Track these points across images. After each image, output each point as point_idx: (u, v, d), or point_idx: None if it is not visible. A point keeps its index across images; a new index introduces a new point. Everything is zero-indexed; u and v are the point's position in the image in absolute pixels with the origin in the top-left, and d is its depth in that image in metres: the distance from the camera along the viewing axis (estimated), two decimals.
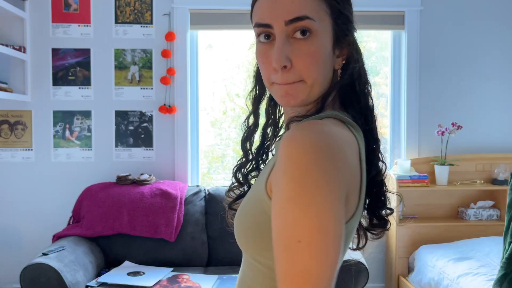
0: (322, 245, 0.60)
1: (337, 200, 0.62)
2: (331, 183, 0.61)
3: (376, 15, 3.13)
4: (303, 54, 0.73)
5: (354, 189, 0.69)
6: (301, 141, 0.62)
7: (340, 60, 0.79)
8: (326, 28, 0.74)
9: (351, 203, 0.68)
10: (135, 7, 3.07)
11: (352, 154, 0.69)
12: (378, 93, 3.40)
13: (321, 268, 0.60)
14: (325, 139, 0.64)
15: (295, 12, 0.72)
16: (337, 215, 0.61)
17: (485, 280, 2.32)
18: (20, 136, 3.06)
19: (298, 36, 0.73)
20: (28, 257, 2.67)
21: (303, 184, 0.61)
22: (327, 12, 0.74)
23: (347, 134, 0.71)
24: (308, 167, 0.61)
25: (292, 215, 0.61)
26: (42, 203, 3.07)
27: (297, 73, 0.74)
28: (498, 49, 3.22)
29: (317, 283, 0.60)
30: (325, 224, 0.60)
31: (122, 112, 3.09)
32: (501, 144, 3.23)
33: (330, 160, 0.62)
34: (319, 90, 0.76)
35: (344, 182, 0.64)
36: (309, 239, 0.60)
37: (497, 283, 1.30)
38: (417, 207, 3.17)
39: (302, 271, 0.60)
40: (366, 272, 2.27)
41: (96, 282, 2.37)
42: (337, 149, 0.64)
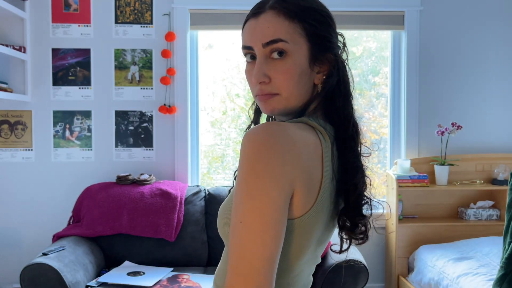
0: (258, 226, 0.70)
1: (277, 190, 0.72)
2: (273, 174, 0.71)
3: (376, 15, 3.14)
4: (279, 71, 0.85)
5: (306, 186, 0.76)
6: (253, 137, 0.74)
7: (320, 75, 0.89)
8: (300, 48, 0.85)
9: (302, 198, 0.76)
10: (135, 7, 3.07)
11: (310, 155, 0.78)
12: (378, 93, 3.40)
13: (255, 246, 0.70)
14: (274, 137, 0.73)
15: (270, 35, 0.84)
16: (275, 202, 0.71)
17: (485, 280, 2.32)
18: (20, 136, 3.06)
19: (275, 56, 0.85)
20: (28, 257, 2.68)
21: (248, 173, 0.72)
22: (301, 34, 0.85)
23: (310, 137, 0.80)
24: (255, 159, 0.72)
25: (238, 199, 0.73)
26: (42, 203, 3.07)
27: (274, 87, 0.85)
28: (498, 49, 3.23)
29: (252, 259, 0.70)
30: (262, 208, 0.70)
31: (122, 112, 3.09)
32: (501, 144, 3.23)
33: (275, 155, 0.72)
34: (296, 102, 0.87)
35: (289, 176, 0.73)
36: (247, 219, 0.71)
37: (497, 283, 1.30)
38: (417, 207, 3.17)
39: (240, 246, 0.71)
40: (366, 272, 2.27)
41: (96, 282, 2.37)
42: (285, 147, 0.73)
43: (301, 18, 0.84)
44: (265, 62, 0.85)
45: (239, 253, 0.71)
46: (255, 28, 0.85)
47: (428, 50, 3.19)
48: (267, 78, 0.85)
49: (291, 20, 0.84)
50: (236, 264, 0.71)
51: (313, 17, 0.85)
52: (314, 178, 0.78)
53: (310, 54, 0.86)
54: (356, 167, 0.87)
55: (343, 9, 3.11)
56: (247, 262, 0.70)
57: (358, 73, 3.38)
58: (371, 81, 3.39)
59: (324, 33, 0.87)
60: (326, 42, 0.87)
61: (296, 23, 0.84)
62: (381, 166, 3.38)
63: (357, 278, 2.26)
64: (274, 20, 0.84)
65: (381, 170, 3.36)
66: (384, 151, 3.38)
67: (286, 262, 0.81)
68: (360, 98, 3.41)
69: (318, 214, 0.79)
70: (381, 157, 3.40)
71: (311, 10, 0.86)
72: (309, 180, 0.77)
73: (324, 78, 0.89)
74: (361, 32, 3.33)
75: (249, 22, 0.87)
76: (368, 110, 3.42)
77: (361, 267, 2.26)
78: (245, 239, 0.71)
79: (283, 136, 0.74)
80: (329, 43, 0.87)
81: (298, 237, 0.79)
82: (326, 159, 0.81)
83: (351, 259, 2.28)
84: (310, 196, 0.77)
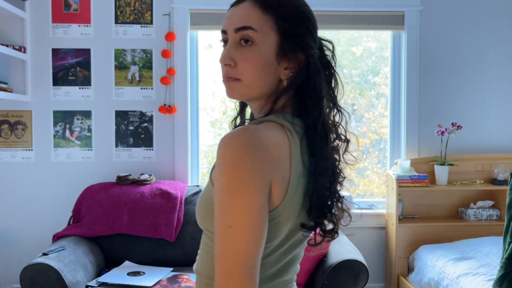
0: (248, 229, 0.76)
1: (260, 192, 0.77)
2: (254, 178, 0.77)
3: (376, 15, 3.14)
4: (243, 58, 0.89)
5: (278, 182, 0.81)
6: (231, 143, 0.78)
7: (287, 72, 0.91)
8: (269, 40, 0.88)
9: (274, 194, 0.81)
10: (135, 7, 3.08)
11: (280, 154, 0.83)
12: (378, 93, 3.40)
13: (248, 248, 0.76)
14: (248, 143, 0.78)
15: (242, 22, 0.88)
16: (259, 204, 0.77)
17: (485, 280, 2.32)
18: (20, 136, 3.06)
19: (242, 43, 0.89)
20: (28, 257, 2.67)
21: (231, 179, 0.77)
22: (272, 27, 0.88)
23: (279, 137, 0.84)
24: (236, 165, 0.77)
25: (225, 205, 0.77)
26: (42, 203, 3.07)
27: (238, 72, 0.89)
28: (498, 49, 3.23)
29: (246, 261, 0.75)
30: (250, 213, 0.76)
31: (122, 112, 3.09)
32: (501, 144, 3.23)
33: (253, 159, 0.77)
34: (258, 91, 0.91)
35: (266, 176, 0.79)
36: (238, 224, 0.76)
37: (497, 283, 1.30)
38: (417, 207, 3.17)
39: (233, 251, 0.76)
40: (366, 272, 2.27)
41: (96, 282, 2.37)
42: (260, 150, 0.78)
43: (275, 12, 0.88)
44: (234, 46, 0.89)
45: (235, 257, 0.76)
46: (232, 14, 0.90)
47: (428, 50, 3.19)
48: (233, 62, 0.89)
49: (265, 11, 0.88)
50: (232, 268, 0.76)
51: (289, 14, 0.88)
52: (285, 175, 0.83)
53: (278, 48, 0.89)
54: (322, 168, 0.88)
55: (343, 9, 3.11)
56: (239, 264, 0.75)
57: (358, 73, 3.38)
58: (371, 81, 3.39)
59: (297, 31, 0.89)
60: (297, 41, 0.89)
61: (269, 15, 0.88)
62: (381, 166, 3.38)
63: (357, 278, 2.26)
64: (249, 9, 0.88)
65: (381, 170, 3.36)
66: (384, 151, 3.38)
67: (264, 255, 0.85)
68: (360, 98, 3.41)
69: (288, 206, 0.84)
70: (381, 157, 3.40)
71: (289, 6, 0.89)
72: (282, 177, 0.82)
73: (291, 75, 0.91)
74: (361, 32, 3.33)
75: (230, 9, 0.92)
76: (368, 110, 3.42)
77: (361, 267, 2.26)
78: (237, 242, 0.76)
79: (256, 141, 0.79)
80: (301, 42, 0.89)
81: (272, 227, 0.83)
82: (294, 155, 0.85)
83: (351, 259, 2.28)
84: (282, 192, 0.82)
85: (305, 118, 0.90)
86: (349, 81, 3.39)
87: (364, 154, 3.42)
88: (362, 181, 3.41)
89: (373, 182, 3.40)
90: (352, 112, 3.41)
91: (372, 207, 3.24)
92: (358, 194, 3.39)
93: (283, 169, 0.82)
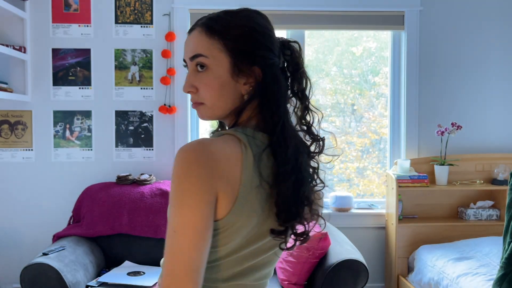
0: (190, 235, 0.82)
1: (203, 202, 0.83)
2: (199, 189, 0.83)
3: (376, 15, 3.14)
4: (202, 83, 0.95)
5: (227, 194, 0.86)
6: (184, 154, 0.85)
7: (247, 86, 0.95)
8: (220, 62, 0.94)
9: (221, 205, 0.86)
10: (135, 7, 3.08)
11: (231, 166, 0.87)
12: (378, 93, 3.40)
13: (190, 252, 0.82)
14: (198, 155, 0.84)
15: (193, 51, 0.95)
16: (202, 213, 0.83)
17: (485, 280, 2.32)
18: (20, 136, 3.06)
19: (198, 69, 0.95)
20: (28, 257, 2.67)
21: (178, 189, 0.83)
22: (221, 49, 0.93)
23: (232, 150, 0.88)
24: (184, 175, 0.83)
25: (171, 211, 0.84)
26: (42, 203, 3.07)
27: (200, 96, 0.96)
28: (498, 49, 3.23)
29: (189, 263, 0.82)
30: (192, 220, 0.82)
31: (122, 112, 3.09)
32: (501, 144, 3.24)
33: (200, 171, 0.83)
34: (222, 111, 0.96)
35: (211, 188, 0.84)
36: (181, 230, 0.82)
37: (497, 283, 1.30)
38: (417, 207, 3.17)
39: (177, 254, 0.82)
40: (366, 272, 2.27)
41: (97, 282, 2.37)
42: (209, 163, 0.84)
43: (221, 35, 0.93)
44: (192, 74, 0.96)
45: (176, 260, 0.82)
46: (186, 44, 0.98)
47: (428, 50, 3.19)
48: (194, 88, 0.96)
49: (211, 36, 0.94)
50: (172, 268, 0.82)
51: (234, 34, 0.94)
52: (234, 187, 0.87)
53: (231, 67, 0.94)
54: (283, 173, 0.91)
55: (343, 9, 3.11)
56: (182, 266, 0.82)
57: (358, 73, 3.38)
58: (371, 81, 3.40)
59: (247, 48, 0.94)
60: (249, 56, 0.94)
61: (215, 39, 0.93)
62: (381, 166, 3.38)
63: (357, 278, 2.26)
64: (197, 37, 0.95)
65: (381, 170, 3.36)
66: (384, 151, 3.38)
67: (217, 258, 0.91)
68: (360, 98, 3.42)
69: (236, 216, 0.88)
70: (381, 157, 3.40)
71: (234, 27, 0.94)
72: (230, 188, 0.87)
73: (250, 89, 0.95)
74: (361, 32, 3.33)
75: (186, 39, 1.00)
76: (368, 110, 3.42)
77: (361, 267, 2.26)
78: (180, 246, 0.82)
79: (206, 154, 0.84)
80: (253, 56, 0.94)
81: (222, 234, 0.88)
82: (245, 168, 0.88)
83: (351, 259, 2.28)
84: (230, 202, 0.87)
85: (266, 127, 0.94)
86: (349, 81, 3.39)
87: (364, 154, 3.42)
88: (362, 181, 3.41)
89: (373, 182, 3.40)
90: (352, 112, 3.41)
91: (372, 207, 3.25)
92: (358, 194, 3.39)
93: (231, 181, 0.87)
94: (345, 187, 3.39)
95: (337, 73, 3.40)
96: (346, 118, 3.41)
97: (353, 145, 3.40)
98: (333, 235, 2.60)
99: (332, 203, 3.18)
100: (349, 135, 3.39)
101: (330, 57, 3.41)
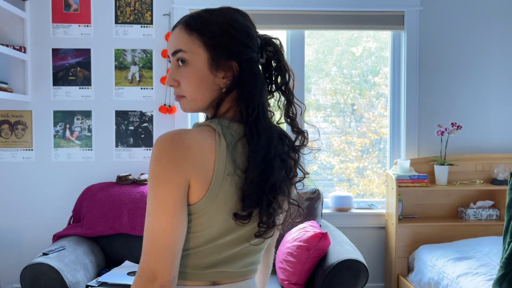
0: (162, 218, 0.89)
1: (174, 187, 0.89)
2: (170, 175, 0.89)
3: (375, 15, 3.14)
4: (182, 77, 1.00)
5: (198, 180, 0.91)
6: (160, 142, 0.91)
7: (225, 80, 1.00)
8: (199, 57, 0.99)
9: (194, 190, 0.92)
10: (135, 7, 3.08)
11: (204, 155, 0.92)
12: (378, 93, 3.41)
13: (162, 233, 0.89)
14: (172, 144, 0.90)
15: (174, 47, 1.01)
16: (173, 197, 0.89)
17: (485, 280, 2.32)
18: (21, 136, 3.07)
19: (180, 64, 1.01)
20: (28, 257, 2.68)
21: (152, 174, 0.90)
22: (199, 45, 0.99)
23: (206, 140, 0.94)
24: (158, 161, 0.90)
25: (148, 195, 0.91)
26: (42, 203, 3.07)
27: (181, 90, 1.02)
28: (497, 49, 3.23)
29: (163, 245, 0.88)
30: (163, 203, 0.89)
31: (122, 112, 3.10)
32: (501, 144, 3.24)
33: (172, 158, 0.89)
34: (202, 103, 1.02)
35: (183, 174, 0.90)
36: (154, 211, 0.89)
37: (497, 283, 1.30)
38: (417, 207, 3.17)
39: (151, 235, 0.90)
40: (366, 272, 2.27)
41: (97, 281, 2.37)
42: (181, 152, 0.90)
43: (199, 32, 0.99)
44: (175, 68, 1.01)
45: (151, 239, 0.89)
46: (169, 41, 1.04)
47: (427, 50, 3.19)
48: (176, 82, 1.01)
49: (190, 33, 0.99)
50: (149, 248, 0.89)
51: (212, 30, 0.99)
52: (208, 174, 0.92)
53: (209, 62, 0.99)
54: (252, 161, 0.95)
55: (343, 9, 3.11)
56: (157, 246, 0.89)
57: (358, 73, 3.39)
58: (371, 81, 3.40)
59: (223, 44, 0.99)
60: (225, 51, 0.99)
61: (194, 36, 0.99)
62: (381, 166, 3.38)
63: (357, 278, 2.26)
64: (178, 34, 1.01)
65: (381, 170, 3.36)
66: (384, 151, 3.38)
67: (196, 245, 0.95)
68: (360, 98, 3.42)
69: (210, 202, 0.93)
70: (381, 157, 3.40)
71: (212, 24, 0.99)
72: (204, 175, 0.92)
73: (228, 83, 1.01)
74: (361, 32, 3.33)
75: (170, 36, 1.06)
76: (368, 110, 3.42)
77: (361, 267, 2.26)
78: (154, 228, 0.89)
79: (180, 143, 0.90)
80: (229, 51, 0.99)
81: (198, 219, 0.94)
82: (218, 156, 0.93)
83: (351, 258, 2.28)
84: (203, 188, 0.92)
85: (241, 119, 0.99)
86: (349, 81, 3.39)
87: (364, 154, 3.42)
88: (362, 181, 3.41)
89: (373, 182, 3.40)
90: (352, 112, 3.42)
91: (372, 207, 3.25)
92: (358, 194, 3.39)
93: (205, 169, 0.92)
94: (345, 187, 3.39)
95: (337, 73, 3.40)
96: (346, 118, 3.41)
97: (353, 145, 3.40)
98: (333, 235, 2.60)
99: (332, 203, 3.19)
100: (349, 135, 3.39)
101: (330, 57, 3.41)
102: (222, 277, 1.00)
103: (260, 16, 3.08)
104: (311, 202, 2.85)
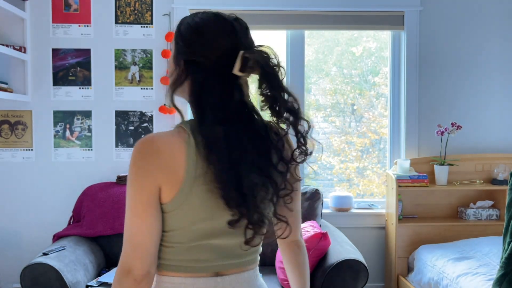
0: (132, 218, 0.97)
1: (143, 190, 0.96)
2: (139, 178, 0.97)
3: (375, 15, 3.14)
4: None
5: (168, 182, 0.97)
6: (135, 146, 0.99)
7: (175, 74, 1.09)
8: (172, 51, 1.10)
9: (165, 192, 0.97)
10: (135, 7, 3.08)
11: (174, 158, 0.97)
12: (378, 93, 3.41)
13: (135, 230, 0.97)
14: (143, 149, 0.98)
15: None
16: (141, 199, 0.96)
17: (485, 280, 2.32)
18: (21, 136, 3.07)
19: None
20: (28, 257, 2.68)
21: (128, 177, 0.98)
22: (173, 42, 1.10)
23: (176, 141, 0.99)
24: (130, 166, 0.98)
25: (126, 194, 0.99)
26: (42, 203, 3.07)
27: None
28: (497, 49, 3.23)
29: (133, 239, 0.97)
30: (134, 205, 0.97)
31: (122, 112, 3.10)
32: (501, 144, 3.24)
33: (142, 162, 0.97)
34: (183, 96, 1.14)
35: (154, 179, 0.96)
36: (127, 213, 0.98)
37: (497, 283, 1.30)
38: (417, 207, 3.17)
39: (125, 232, 0.98)
40: (366, 272, 2.27)
41: (97, 281, 2.37)
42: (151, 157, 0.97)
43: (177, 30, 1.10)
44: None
45: (125, 237, 0.98)
46: None
47: (427, 50, 3.19)
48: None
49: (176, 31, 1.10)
50: (124, 245, 0.97)
51: (175, 36, 1.09)
52: (179, 174, 0.97)
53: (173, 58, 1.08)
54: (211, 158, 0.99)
55: (343, 9, 3.11)
56: (130, 244, 0.97)
57: (358, 73, 3.39)
58: (370, 81, 3.40)
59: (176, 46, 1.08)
60: (176, 52, 1.08)
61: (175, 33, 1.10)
62: (381, 166, 3.38)
63: (357, 278, 2.26)
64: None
65: (381, 170, 3.36)
66: (384, 151, 3.38)
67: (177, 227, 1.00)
68: (360, 98, 3.42)
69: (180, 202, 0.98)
70: (381, 157, 3.40)
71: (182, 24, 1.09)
72: (175, 176, 0.97)
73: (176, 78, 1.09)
74: (361, 32, 3.33)
75: None
76: (368, 110, 3.42)
77: (360, 267, 2.26)
78: (127, 227, 0.98)
79: (150, 148, 0.98)
80: (177, 52, 1.07)
81: (172, 216, 0.99)
82: (188, 159, 0.98)
83: (351, 258, 2.29)
84: (172, 190, 0.97)
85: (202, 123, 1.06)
86: (349, 81, 3.39)
87: (364, 154, 3.42)
88: (362, 181, 3.41)
89: (373, 182, 3.40)
90: (352, 112, 3.42)
91: (372, 207, 3.25)
92: (358, 194, 3.39)
93: (176, 170, 0.97)
94: (345, 187, 3.39)
95: (337, 73, 3.40)
96: (346, 118, 3.41)
97: (353, 145, 3.40)
98: (333, 235, 2.60)
99: (332, 203, 3.19)
100: (349, 135, 3.39)
101: (330, 57, 3.42)
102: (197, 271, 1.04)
103: (260, 16, 3.08)
104: (311, 202, 2.85)
